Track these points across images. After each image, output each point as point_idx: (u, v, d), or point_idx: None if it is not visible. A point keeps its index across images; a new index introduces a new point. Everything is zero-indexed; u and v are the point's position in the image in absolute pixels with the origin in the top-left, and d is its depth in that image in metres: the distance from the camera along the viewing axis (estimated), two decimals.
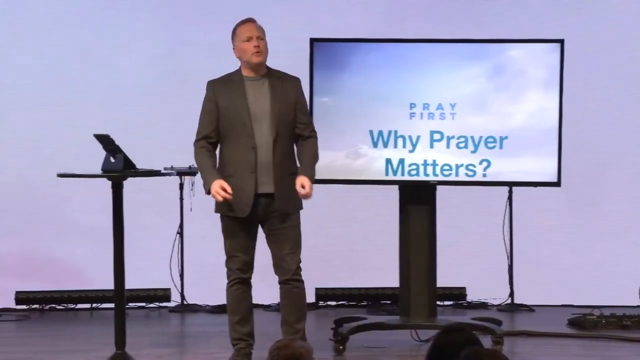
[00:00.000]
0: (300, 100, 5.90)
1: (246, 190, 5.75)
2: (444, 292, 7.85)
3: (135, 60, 8.14)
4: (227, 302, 5.95)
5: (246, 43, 5.81)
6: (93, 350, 6.46)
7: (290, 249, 5.85)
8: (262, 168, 5.76)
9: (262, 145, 5.75)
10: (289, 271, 5.86)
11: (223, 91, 5.83)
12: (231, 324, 5.93)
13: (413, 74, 6.44)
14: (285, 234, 5.84)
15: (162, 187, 7.89)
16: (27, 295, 8.00)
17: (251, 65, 5.82)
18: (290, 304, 5.89)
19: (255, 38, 5.81)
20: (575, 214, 8.11)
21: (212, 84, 5.90)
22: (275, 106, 5.78)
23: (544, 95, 6.42)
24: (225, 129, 5.80)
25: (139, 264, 7.78)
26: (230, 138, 5.80)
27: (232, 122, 5.78)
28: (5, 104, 8.07)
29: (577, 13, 8.10)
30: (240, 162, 5.76)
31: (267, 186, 5.78)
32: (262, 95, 5.80)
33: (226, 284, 5.93)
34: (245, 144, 5.75)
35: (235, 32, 5.89)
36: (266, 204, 5.80)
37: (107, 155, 6.04)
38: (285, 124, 5.80)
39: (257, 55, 5.79)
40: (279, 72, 5.94)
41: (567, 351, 6.51)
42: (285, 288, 5.90)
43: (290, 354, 3.64)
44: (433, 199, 6.53)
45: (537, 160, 6.40)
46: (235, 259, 5.85)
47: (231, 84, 5.84)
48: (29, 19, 8.08)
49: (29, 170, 8.04)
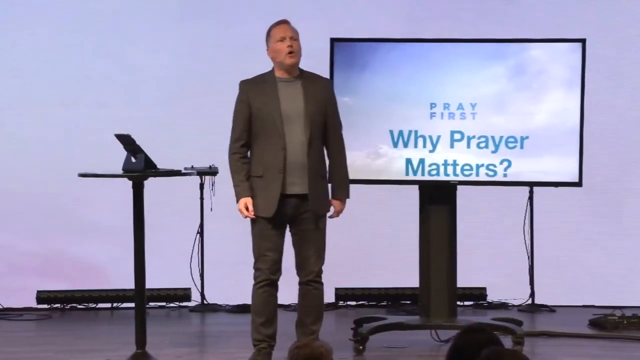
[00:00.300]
0: (331, 102, 5.92)
1: (273, 190, 5.77)
2: (464, 293, 7.83)
3: (157, 60, 8.15)
4: (252, 303, 5.94)
5: (280, 43, 5.83)
6: (113, 350, 6.47)
7: (315, 251, 5.88)
8: (291, 169, 5.78)
9: (292, 146, 5.78)
10: (312, 273, 5.88)
11: (256, 92, 5.85)
12: (254, 325, 5.93)
13: (433, 73, 6.43)
14: (312, 236, 5.86)
15: (182, 186, 7.90)
16: (48, 295, 8.03)
17: (284, 66, 5.84)
18: (308, 305, 5.91)
19: (288, 38, 5.83)
20: (596, 214, 8.08)
21: (245, 84, 5.91)
22: (308, 108, 5.80)
23: (565, 94, 6.39)
24: (257, 130, 5.82)
25: (160, 264, 7.80)
26: (261, 138, 5.82)
27: (263, 122, 5.80)
28: (28, 104, 8.10)
29: (599, 12, 8.07)
30: (269, 163, 5.79)
31: (296, 187, 5.80)
32: (295, 97, 5.82)
33: (253, 284, 5.91)
34: (275, 145, 5.77)
35: (270, 33, 5.90)
36: (296, 204, 5.82)
37: (128, 155, 6.05)
38: (317, 125, 5.83)
39: (290, 56, 5.81)
40: (310, 73, 5.97)
41: (588, 352, 6.49)
42: (305, 288, 5.91)
43: (309, 354, 3.64)
44: (453, 199, 6.51)
45: (558, 160, 6.38)
46: (264, 258, 5.85)
47: (264, 85, 5.86)
48: (52, 20, 8.11)
49: (51, 170, 8.06)
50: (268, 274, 5.85)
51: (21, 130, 8.09)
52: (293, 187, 5.80)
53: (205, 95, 8.19)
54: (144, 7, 8.15)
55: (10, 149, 8.09)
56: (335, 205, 5.93)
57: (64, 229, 8.09)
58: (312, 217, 5.85)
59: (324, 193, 5.87)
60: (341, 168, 5.94)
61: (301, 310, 5.96)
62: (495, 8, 8.13)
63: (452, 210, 6.51)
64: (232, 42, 8.13)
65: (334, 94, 5.97)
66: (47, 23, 8.09)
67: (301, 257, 5.89)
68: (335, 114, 5.93)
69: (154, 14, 8.16)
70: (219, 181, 7.90)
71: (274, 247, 5.84)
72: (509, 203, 7.96)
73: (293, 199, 5.81)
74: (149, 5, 8.16)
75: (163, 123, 8.09)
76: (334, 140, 5.90)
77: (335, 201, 5.92)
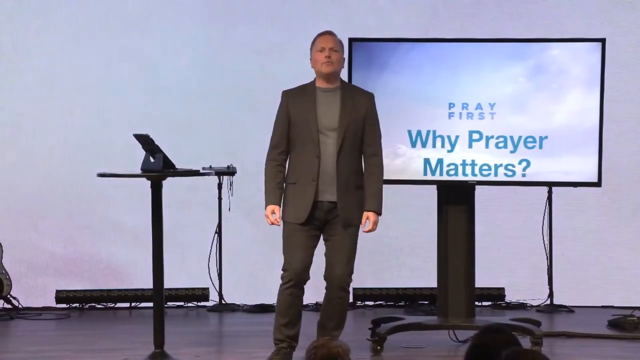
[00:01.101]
0: (371, 116, 5.93)
1: (306, 197, 5.81)
2: (482, 293, 7.83)
3: (176, 61, 8.17)
4: (277, 303, 5.95)
5: (319, 53, 5.89)
6: (132, 349, 6.49)
7: (343, 258, 5.89)
8: (324, 177, 5.82)
9: (326, 155, 5.81)
10: (340, 279, 5.90)
11: (295, 101, 5.90)
12: (277, 325, 5.93)
13: (452, 73, 6.42)
14: (343, 243, 5.88)
15: (200, 186, 7.92)
16: (67, 294, 8.06)
17: (322, 75, 5.88)
18: (332, 311, 5.95)
19: (327, 49, 5.88)
20: (615, 215, 8.05)
21: (286, 93, 5.97)
22: (343, 118, 5.84)
23: (585, 94, 6.37)
24: (295, 138, 5.88)
25: (178, 264, 7.83)
26: (297, 146, 5.87)
27: (300, 130, 5.85)
28: (51, 105, 8.13)
29: (619, 12, 8.04)
30: (304, 170, 5.83)
31: (328, 195, 5.84)
32: (332, 107, 5.86)
33: (280, 284, 5.91)
34: (310, 153, 5.82)
35: (313, 42, 5.96)
36: (328, 209, 5.85)
37: (147, 155, 6.06)
38: (352, 137, 5.85)
39: (327, 65, 5.85)
40: (353, 86, 6.04)
41: (606, 353, 6.46)
42: (330, 295, 5.94)
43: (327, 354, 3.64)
44: (472, 199, 6.50)
45: (577, 160, 6.36)
46: (292, 261, 5.85)
47: (304, 94, 5.92)
48: (74, 22, 8.14)
49: (71, 170, 8.10)
50: (294, 277, 5.85)
51: (44, 131, 8.12)
52: (324, 195, 5.84)
53: (224, 96, 8.21)
54: (166, 8, 8.17)
55: (33, 150, 8.12)
56: (368, 217, 5.91)
57: (83, 229, 8.12)
58: (342, 224, 5.86)
59: (356, 203, 5.89)
60: (373, 182, 5.93)
61: (324, 314, 5.98)
62: (515, 7, 8.11)
63: (471, 210, 6.49)
64: (253, 43, 8.14)
65: (374, 107, 5.96)
66: (70, 25, 8.12)
67: (330, 264, 5.91)
68: (374, 128, 5.94)
69: (175, 15, 8.18)
70: (237, 181, 7.91)
71: (303, 251, 5.84)
72: (527, 203, 7.94)
73: (325, 204, 5.85)
74: (170, 6, 8.18)
75: (182, 123, 8.12)
76: (370, 153, 5.92)
77: (366, 213, 5.92)
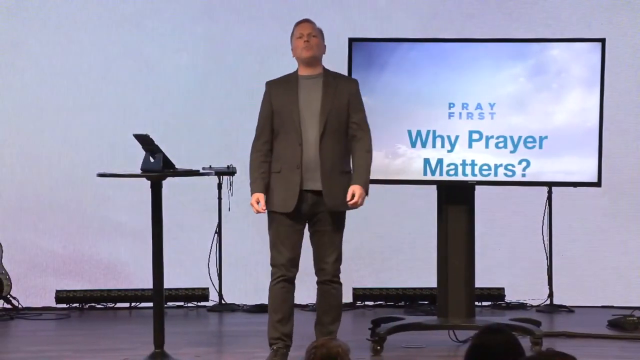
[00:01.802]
0: (354, 101, 5.90)
1: (291, 186, 5.80)
2: (482, 293, 7.83)
3: (176, 61, 8.17)
4: (269, 300, 5.94)
5: (298, 40, 5.90)
6: (132, 349, 6.49)
7: (332, 251, 5.89)
8: (308, 164, 5.80)
9: (309, 142, 5.80)
10: (329, 272, 5.88)
11: (278, 90, 5.91)
12: (271, 322, 5.93)
13: (452, 73, 6.42)
14: (330, 235, 5.87)
15: (200, 186, 7.92)
16: (67, 294, 8.06)
17: (302, 60, 5.88)
18: (326, 304, 5.92)
19: (306, 35, 5.87)
20: (615, 215, 8.05)
21: (269, 84, 5.98)
22: (325, 104, 5.82)
23: (585, 94, 6.37)
24: (278, 127, 5.87)
25: (178, 264, 7.83)
26: (281, 135, 5.87)
27: (283, 119, 5.85)
28: (50, 105, 8.13)
29: (619, 12, 8.04)
30: (288, 159, 5.82)
31: (313, 182, 5.81)
32: (315, 94, 5.85)
33: (270, 281, 5.92)
34: (293, 141, 5.81)
35: (292, 33, 5.97)
36: (313, 201, 5.83)
37: (147, 155, 6.06)
38: (335, 122, 5.83)
39: (306, 50, 5.85)
40: (336, 73, 6.00)
41: (606, 353, 6.46)
42: (323, 288, 5.92)
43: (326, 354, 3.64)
44: (472, 199, 6.50)
45: (577, 161, 6.36)
46: (280, 255, 5.86)
47: (286, 83, 5.92)
48: (73, 21, 8.13)
49: (70, 170, 8.10)
50: (284, 271, 5.86)
51: (44, 131, 8.12)
52: (309, 183, 5.81)
53: (224, 96, 8.20)
54: (166, 8, 8.17)
55: (33, 150, 8.12)
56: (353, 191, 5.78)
57: (84, 229, 8.12)
58: (329, 217, 5.85)
59: (342, 189, 5.84)
60: (361, 163, 5.85)
61: (319, 310, 5.96)
62: (515, 8, 8.11)
63: (470, 210, 6.49)
64: (253, 42, 8.14)
65: (359, 93, 5.93)
66: (70, 24, 8.12)
67: (318, 257, 5.89)
68: (358, 113, 5.90)
69: (175, 14, 8.18)
70: (237, 181, 7.91)
71: (291, 244, 5.85)
72: (527, 203, 7.94)
73: (310, 195, 5.82)
74: (170, 6, 8.18)
75: (181, 123, 8.11)
76: (358, 138, 5.87)
77: (352, 187, 5.80)
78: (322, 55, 5.93)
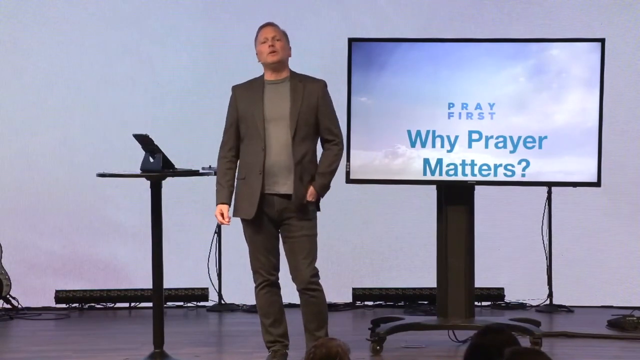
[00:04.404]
0: (323, 103, 5.81)
1: (252, 191, 5.76)
2: (482, 293, 7.83)
3: (176, 61, 8.17)
4: (257, 306, 5.94)
5: (262, 45, 5.84)
6: (131, 349, 6.49)
7: (304, 257, 5.80)
8: (273, 169, 5.73)
9: (273, 147, 5.73)
10: (304, 281, 5.80)
11: (243, 95, 5.87)
12: (264, 327, 5.92)
13: (451, 73, 6.42)
14: (300, 242, 5.79)
15: (200, 186, 7.92)
16: (66, 294, 8.06)
17: (268, 65, 5.84)
18: (309, 313, 5.86)
19: (270, 39, 5.82)
20: (615, 215, 8.05)
21: (235, 89, 5.96)
22: (294, 107, 5.76)
23: (584, 94, 6.37)
24: (243, 132, 5.83)
25: (178, 264, 7.83)
26: (245, 141, 5.83)
27: (247, 125, 5.81)
28: (50, 105, 8.13)
29: (619, 12, 8.04)
30: (251, 164, 5.78)
31: (279, 186, 5.74)
32: (281, 98, 5.79)
33: (254, 288, 5.91)
34: (256, 146, 5.76)
35: (255, 37, 5.92)
36: (280, 206, 5.75)
37: (146, 155, 6.06)
38: (305, 126, 5.76)
39: (272, 55, 5.79)
40: (303, 75, 5.90)
41: (606, 353, 6.46)
42: (302, 297, 5.86)
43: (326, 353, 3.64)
44: (471, 199, 6.50)
45: (577, 160, 6.36)
46: (258, 261, 5.83)
47: (251, 88, 5.88)
48: (72, 21, 8.13)
49: (70, 170, 8.10)
50: (265, 275, 5.83)
51: (43, 131, 8.12)
52: (275, 187, 5.74)
53: (224, 96, 8.16)
54: (165, 8, 8.17)
55: (32, 150, 8.12)
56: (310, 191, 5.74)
57: (83, 229, 8.12)
58: (298, 221, 5.76)
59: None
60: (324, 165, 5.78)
61: (304, 317, 5.90)
62: (514, 8, 8.11)
63: (470, 210, 6.49)
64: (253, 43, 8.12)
65: (327, 94, 5.86)
66: (69, 24, 8.12)
67: (292, 265, 5.82)
68: (327, 115, 5.81)
69: (174, 15, 8.18)
70: None
71: (266, 249, 5.80)
72: (527, 203, 7.94)
73: (276, 199, 5.75)
74: (169, 6, 8.18)
75: (181, 123, 8.12)
76: (327, 140, 5.82)
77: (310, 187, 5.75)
78: (288, 58, 5.86)
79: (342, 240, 8.06)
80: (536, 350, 3.33)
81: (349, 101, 6.37)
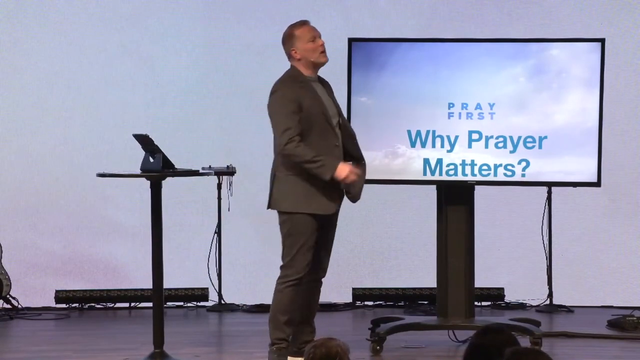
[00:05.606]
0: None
1: (335, 187, 5.72)
2: (482, 293, 7.83)
3: (176, 61, 8.17)
4: (278, 301, 5.76)
5: (312, 43, 5.75)
6: (131, 349, 6.49)
7: (329, 250, 5.90)
8: None
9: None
10: (324, 270, 5.89)
11: (302, 92, 5.70)
12: (278, 324, 5.79)
13: (451, 73, 6.42)
14: (332, 234, 5.89)
15: (200, 186, 7.92)
16: (66, 294, 8.06)
17: (317, 65, 5.79)
18: (316, 301, 5.92)
19: (319, 37, 5.80)
20: (615, 215, 8.05)
21: (288, 84, 5.72)
22: (338, 106, 5.85)
23: (584, 94, 6.37)
24: (306, 130, 5.67)
25: (178, 264, 7.83)
26: (313, 137, 5.67)
27: (313, 122, 5.67)
28: (50, 105, 8.13)
29: (619, 12, 8.04)
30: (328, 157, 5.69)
31: None
32: (324, 96, 5.81)
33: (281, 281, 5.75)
34: (329, 142, 5.71)
35: (295, 35, 5.76)
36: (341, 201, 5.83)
37: (146, 155, 6.06)
38: None
39: (324, 55, 5.78)
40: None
41: (606, 353, 6.46)
42: (316, 286, 5.88)
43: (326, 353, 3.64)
44: (471, 199, 6.50)
45: (577, 161, 6.36)
46: (305, 259, 5.73)
47: (305, 85, 5.74)
48: (73, 21, 8.13)
49: (70, 170, 8.10)
50: (300, 277, 5.74)
51: (43, 131, 8.12)
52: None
53: (224, 96, 8.21)
54: (165, 8, 8.17)
55: (32, 150, 8.12)
56: None
57: (83, 229, 8.13)
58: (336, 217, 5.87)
59: None
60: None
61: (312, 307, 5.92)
62: (514, 8, 8.11)
63: (470, 210, 6.50)
64: (253, 42, 8.14)
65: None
66: (69, 24, 8.12)
67: (319, 255, 5.84)
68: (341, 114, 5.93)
69: (174, 15, 8.18)
70: (236, 181, 7.91)
71: (312, 254, 5.75)
72: (527, 203, 7.94)
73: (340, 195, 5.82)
74: (169, 6, 8.18)
75: (181, 123, 8.12)
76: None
77: None
78: None
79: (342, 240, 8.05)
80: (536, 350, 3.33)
81: (349, 101, 6.37)
